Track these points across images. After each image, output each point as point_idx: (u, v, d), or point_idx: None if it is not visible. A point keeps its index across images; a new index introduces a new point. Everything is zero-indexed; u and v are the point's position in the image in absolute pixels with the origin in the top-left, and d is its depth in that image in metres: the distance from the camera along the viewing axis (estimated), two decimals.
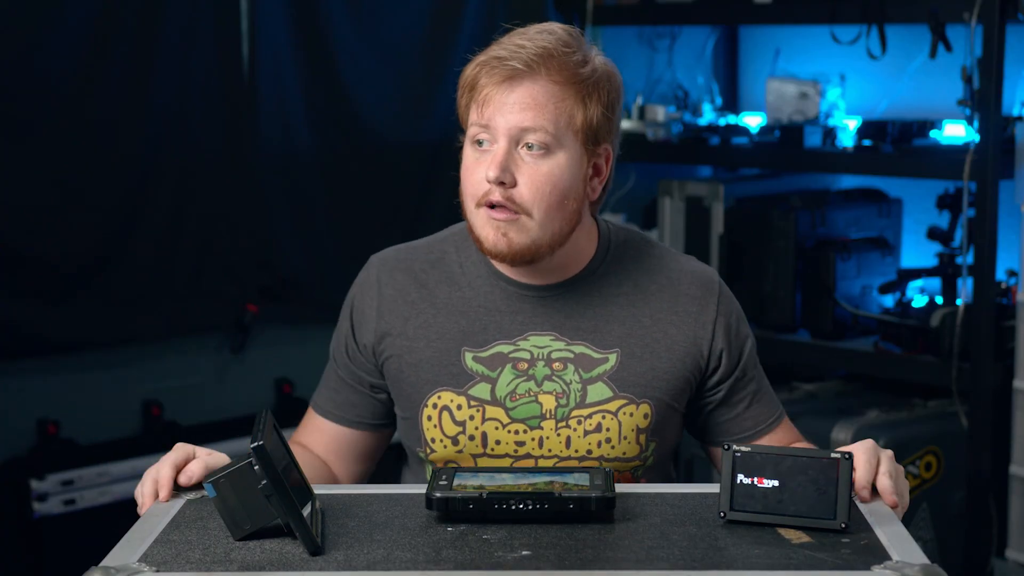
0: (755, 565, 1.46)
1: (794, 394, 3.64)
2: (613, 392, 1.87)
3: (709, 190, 3.72)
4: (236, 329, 3.71)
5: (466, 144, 1.86)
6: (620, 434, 1.86)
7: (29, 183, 3.30)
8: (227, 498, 1.54)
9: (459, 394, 1.87)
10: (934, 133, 3.49)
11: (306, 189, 3.78)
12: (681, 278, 1.94)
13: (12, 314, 3.30)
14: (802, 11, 3.59)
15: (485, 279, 1.91)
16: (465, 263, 1.93)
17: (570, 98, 1.81)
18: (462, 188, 1.86)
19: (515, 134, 1.80)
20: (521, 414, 1.86)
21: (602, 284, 1.91)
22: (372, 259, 2.00)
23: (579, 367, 1.87)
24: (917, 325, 3.35)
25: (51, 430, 3.38)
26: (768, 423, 1.96)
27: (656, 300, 1.91)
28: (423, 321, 1.91)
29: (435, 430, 1.88)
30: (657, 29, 4.12)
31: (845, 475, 1.56)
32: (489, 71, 1.80)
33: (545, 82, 1.80)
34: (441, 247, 1.97)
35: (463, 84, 1.85)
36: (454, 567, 1.46)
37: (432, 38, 3.89)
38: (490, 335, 1.89)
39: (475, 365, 1.88)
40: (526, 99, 1.79)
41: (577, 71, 1.81)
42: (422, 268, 1.95)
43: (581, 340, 1.88)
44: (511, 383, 1.87)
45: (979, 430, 3.21)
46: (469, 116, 1.84)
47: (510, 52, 1.80)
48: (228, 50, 3.58)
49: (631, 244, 1.96)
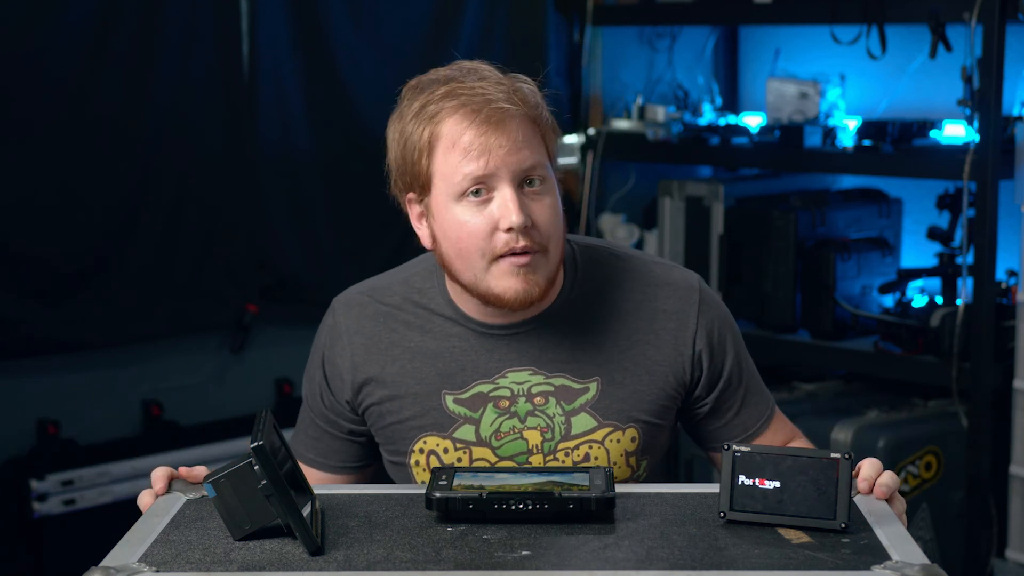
0: (755, 565, 1.46)
1: (794, 394, 3.64)
2: (597, 421, 1.84)
3: (709, 190, 3.72)
4: (236, 329, 3.71)
5: (444, 202, 1.75)
6: (609, 461, 1.84)
7: (29, 183, 3.30)
8: (227, 498, 1.53)
9: (444, 438, 1.84)
10: (934, 133, 3.49)
11: (306, 189, 3.78)
12: (657, 293, 1.87)
13: (12, 314, 3.30)
14: (802, 11, 3.59)
15: (458, 318, 1.85)
16: (431, 305, 1.87)
17: (540, 128, 1.76)
18: (458, 246, 1.76)
19: (519, 176, 1.74)
20: (508, 451, 1.83)
21: (575, 312, 1.85)
22: (335, 304, 1.93)
23: (561, 399, 1.83)
24: (917, 325, 3.35)
25: (51, 430, 3.38)
26: (759, 424, 1.93)
27: (633, 319, 1.86)
28: (399, 367, 1.86)
29: (425, 474, 1.85)
30: (657, 29, 4.12)
31: (845, 475, 1.56)
32: (471, 118, 1.72)
33: (525, 118, 1.74)
34: (403, 290, 1.89)
35: (419, 140, 1.74)
36: (454, 567, 1.46)
37: (432, 38, 3.89)
38: (468, 375, 1.84)
39: (457, 407, 1.84)
40: (517, 138, 1.72)
41: (535, 100, 1.76)
42: (389, 312, 1.88)
43: (559, 372, 1.84)
44: (495, 422, 1.83)
45: (979, 430, 3.21)
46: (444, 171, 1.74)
47: (480, 94, 1.72)
48: (228, 50, 3.58)
49: (598, 261, 1.89)
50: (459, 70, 1.78)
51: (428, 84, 1.78)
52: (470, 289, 1.78)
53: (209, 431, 3.61)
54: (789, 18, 3.67)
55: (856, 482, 1.65)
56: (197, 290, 3.61)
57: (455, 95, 1.73)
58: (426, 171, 1.76)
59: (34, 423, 3.40)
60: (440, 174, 1.75)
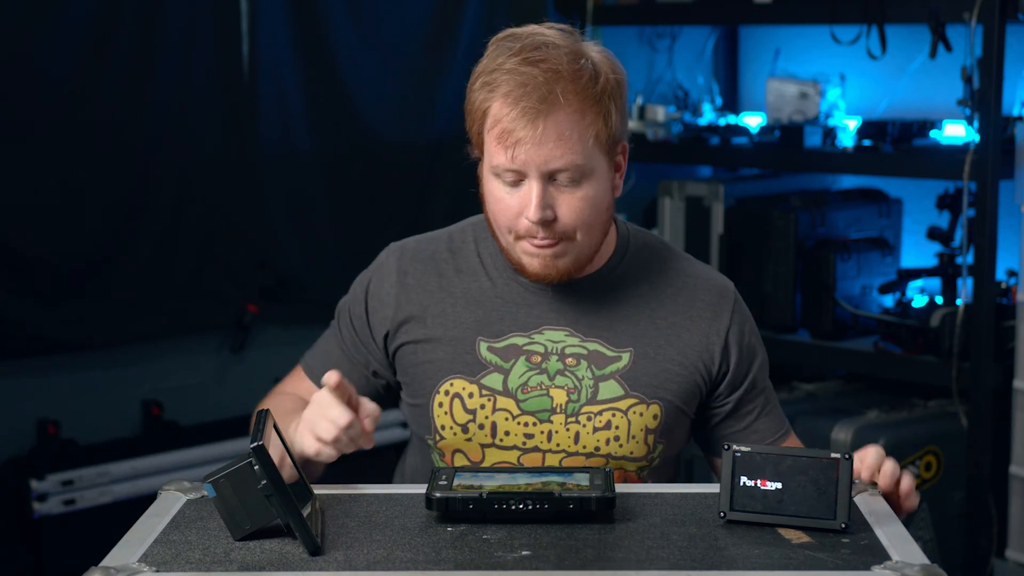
0: (755, 565, 1.46)
1: (794, 394, 3.64)
2: (624, 391, 1.87)
3: (709, 190, 3.72)
4: (236, 329, 3.71)
5: (487, 172, 1.82)
6: (629, 433, 1.86)
7: (29, 183, 3.30)
8: (227, 498, 1.54)
9: (471, 382, 1.88)
10: (934, 133, 3.49)
11: (306, 189, 3.78)
12: (698, 284, 1.93)
13: (12, 314, 3.30)
14: (802, 11, 3.59)
15: (503, 271, 1.92)
16: (484, 255, 1.94)
17: (591, 119, 1.77)
18: (492, 215, 1.84)
19: (547, 172, 1.77)
20: (532, 407, 1.87)
21: (618, 283, 1.91)
22: (392, 246, 1.99)
23: (592, 364, 1.88)
24: (917, 325, 3.35)
25: (51, 430, 3.38)
26: (776, 438, 1.95)
27: (671, 303, 1.91)
28: (441, 310, 1.92)
29: (446, 417, 1.88)
30: (657, 29, 4.12)
31: (845, 475, 1.56)
32: (512, 105, 1.75)
33: (567, 111, 1.74)
34: (461, 237, 1.97)
35: (476, 109, 1.79)
36: (454, 567, 1.46)
37: (432, 38, 3.89)
38: (506, 326, 1.89)
39: (489, 355, 1.88)
40: (552, 135, 1.74)
41: (591, 90, 1.76)
42: (443, 258, 1.95)
43: (595, 337, 1.89)
44: (523, 375, 1.87)
45: (979, 430, 3.21)
46: (489, 148, 1.80)
47: (524, 85, 1.74)
48: (228, 50, 3.58)
49: (649, 247, 1.96)
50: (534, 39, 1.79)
51: (508, 46, 1.79)
52: (503, 252, 1.87)
53: (209, 431, 3.60)
54: (789, 18, 3.67)
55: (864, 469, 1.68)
56: (197, 290, 3.61)
57: (513, 72, 1.76)
58: (478, 136, 1.82)
59: (34, 423, 3.39)
60: (486, 145, 1.81)
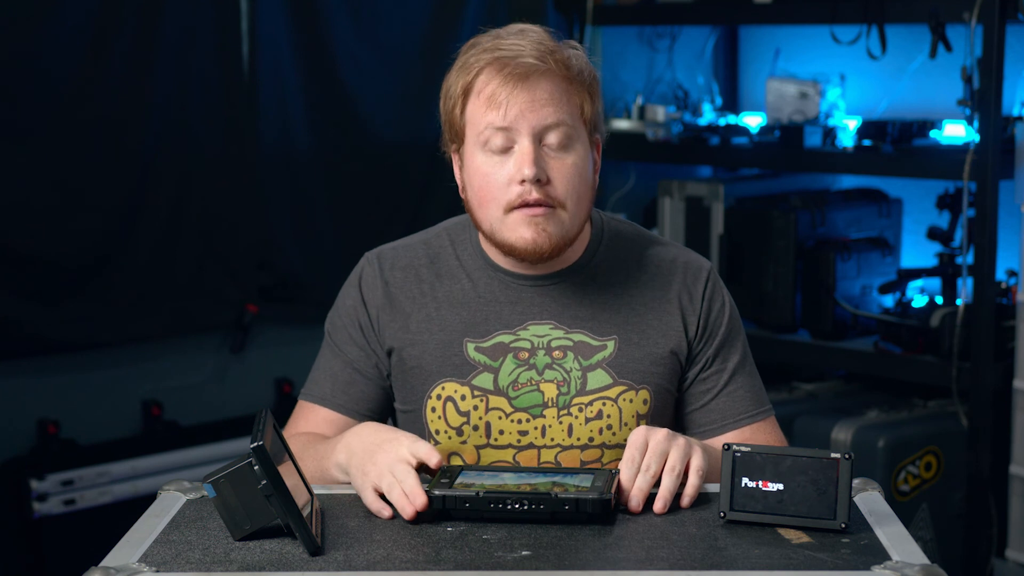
0: (755, 565, 1.46)
1: (794, 394, 3.64)
2: (613, 379, 1.88)
3: (709, 190, 3.72)
4: (236, 329, 3.71)
5: (472, 151, 1.84)
6: (621, 420, 1.88)
7: (29, 183, 3.30)
8: (227, 498, 1.54)
9: (463, 384, 1.89)
10: (934, 133, 3.49)
11: (306, 189, 3.78)
12: (673, 267, 1.95)
13: (12, 314, 3.30)
14: (802, 11, 3.59)
15: (484, 271, 1.93)
16: (462, 256, 1.95)
17: (577, 92, 1.83)
18: (479, 196, 1.84)
19: (539, 131, 1.80)
20: (524, 403, 1.88)
21: (597, 273, 1.93)
22: (369, 255, 1.99)
23: (579, 355, 1.89)
24: (917, 325, 3.35)
25: (51, 430, 3.39)
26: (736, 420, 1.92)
27: (648, 288, 1.93)
28: (426, 315, 1.92)
29: (439, 421, 1.89)
30: (657, 29, 4.12)
31: (845, 475, 1.56)
32: (499, 71, 1.79)
33: (557, 77, 1.80)
34: (437, 242, 1.97)
35: (455, 90, 1.83)
36: (454, 567, 1.46)
37: (432, 38, 3.89)
38: (491, 325, 1.90)
39: (477, 355, 1.89)
40: (545, 95, 1.80)
41: (578, 65, 1.83)
42: (421, 264, 1.95)
43: (579, 328, 1.90)
44: (513, 372, 1.88)
45: (979, 430, 3.21)
46: (473, 120, 1.82)
47: (514, 51, 1.79)
48: (228, 50, 3.59)
49: (624, 235, 1.97)
50: (508, 30, 1.85)
51: (477, 42, 1.84)
52: (489, 237, 1.86)
53: (209, 431, 3.61)
54: (789, 18, 3.67)
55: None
56: (197, 290, 3.61)
57: (492, 50, 1.80)
58: (459, 120, 1.84)
59: (34, 423, 3.40)
60: (470, 123, 1.83)
